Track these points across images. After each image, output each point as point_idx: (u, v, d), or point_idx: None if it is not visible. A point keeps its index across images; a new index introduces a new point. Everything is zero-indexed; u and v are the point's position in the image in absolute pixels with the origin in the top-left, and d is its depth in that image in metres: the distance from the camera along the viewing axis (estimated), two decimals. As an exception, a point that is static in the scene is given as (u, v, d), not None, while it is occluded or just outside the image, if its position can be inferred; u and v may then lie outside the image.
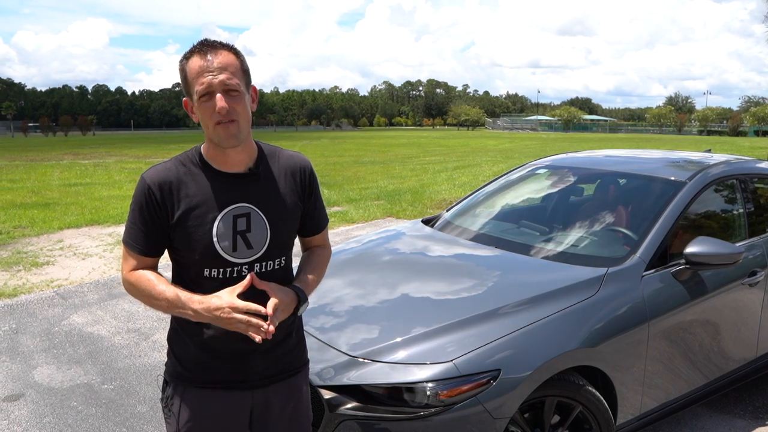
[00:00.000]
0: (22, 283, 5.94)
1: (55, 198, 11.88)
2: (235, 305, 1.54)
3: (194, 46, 1.57)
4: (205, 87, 1.51)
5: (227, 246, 1.60)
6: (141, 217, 1.62)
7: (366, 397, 2.25)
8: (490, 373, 2.23)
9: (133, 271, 1.65)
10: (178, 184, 1.61)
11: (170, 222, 1.61)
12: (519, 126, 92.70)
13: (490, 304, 2.56)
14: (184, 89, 1.60)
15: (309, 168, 1.78)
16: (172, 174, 1.62)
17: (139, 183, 1.63)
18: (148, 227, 1.62)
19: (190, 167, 1.64)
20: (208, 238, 1.59)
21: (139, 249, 1.64)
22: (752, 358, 3.36)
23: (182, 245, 1.62)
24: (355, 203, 11.11)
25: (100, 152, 28.44)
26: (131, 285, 1.66)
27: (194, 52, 1.56)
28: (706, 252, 2.81)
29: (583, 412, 2.47)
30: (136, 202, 1.63)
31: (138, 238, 1.63)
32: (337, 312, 2.74)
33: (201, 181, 1.62)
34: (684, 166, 3.60)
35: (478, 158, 23.27)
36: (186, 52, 1.58)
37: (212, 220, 1.60)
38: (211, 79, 1.51)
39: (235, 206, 1.62)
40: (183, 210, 1.60)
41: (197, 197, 1.60)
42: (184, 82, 1.59)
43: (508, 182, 4.22)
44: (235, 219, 1.62)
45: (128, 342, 4.45)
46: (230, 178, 1.64)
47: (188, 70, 1.56)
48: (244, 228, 1.62)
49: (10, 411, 3.45)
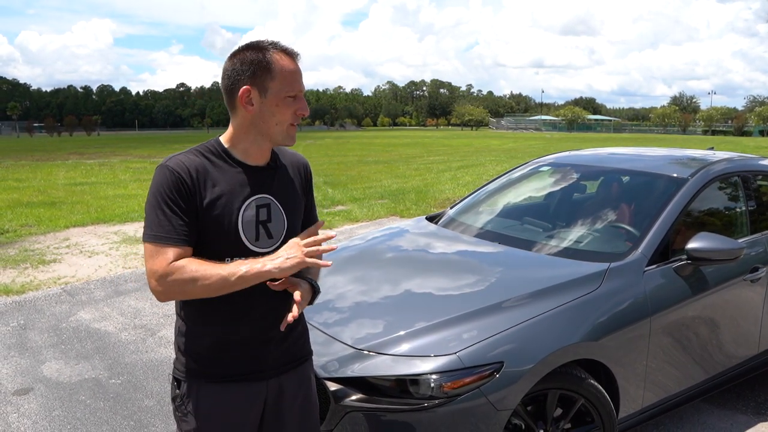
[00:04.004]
0: (29, 280, 6.00)
1: (61, 197, 11.95)
2: (298, 242, 1.61)
3: (280, 44, 1.63)
4: (298, 90, 1.65)
5: (251, 235, 1.65)
6: (172, 206, 1.55)
7: (371, 389, 2.28)
8: (494, 365, 2.26)
9: (171, 264, 1.52)
10: (204, 171, 1.62)
11: (199, 209, 1.58)
12: (523, 126, 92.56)
13: (493, 299, 2.59)
14: (257, 78, 1.58)
15: (308, 166, 1.90)
16: (197, 162, 1.63)
17: (162, 172, 1.57)
18: (182, 214, 1.56)
19: (211, 158, 1.66)
20: (234, 227, 1.62)
21: (176, 240, 1.54)
22: (754, 354, 3.38)
23: (206, 233, 1.60)
24: (359, 202, 11.14)
25: (104, 152, 28.56)
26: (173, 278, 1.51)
27: (284, 51, 1.63)
28: (708, 248, 2.83)
29: (586, 405, 2.50)
30: (162, 193, 1.56)
31: (172, 229, 1.54)
32: (342, 307, 2.78)
33: (226, 171, 1.65)
34: (686, 163, 3.61)
35: (481, 158, 23.27)
36: (268, 44, 1.62)
37: (238, 210, 1.63)
38: (302, 85, 1.67)
39: (257, 197, 1.67)
40: (210, 198, 1.60)
41: (223, 186, 1.63)
42: (263, 72, 1.58)
43: (511, 180, 4.24)
44: (258, 209, 1.66)
45: (135, 338, 4.50)
46: (252, 170, 1.68)
47: (280, 65, 1.60)
48: (266, 218, 1.67)
49: (20, 404, 3.50)
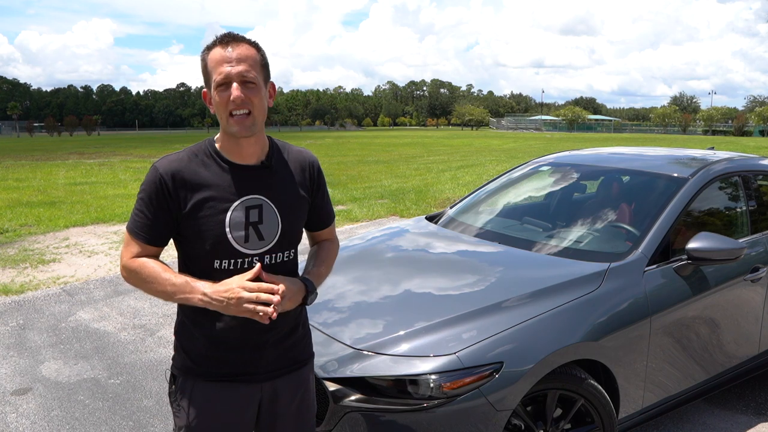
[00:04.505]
0: (28, 280, 5.99)
1: (61, 197, 11.94)
2: (245, 286, 1.55)
3: (217, 37, 1.60)
4: (223, 77, 1.55)
5: (240, 237, 1.62)
6: (150, 206, 1.62)
7: (370, 390, 2.28)
8: (493, 365, 2.26)
9: (135, 258, 1.65)
10: (191, 174, 1.62)
11: (182, 212, 1.61)
12: (523, 126, 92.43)
13: (493, 299, 2.59)
14: (204, 80, 1.62)
15: (316, 163, 1.82)
16: (184, 164, 1.63)
17: (151, 172, 1.63)
18: (156, 216, 1.62)
19: (203, 158, 1.65)
20: (221, 229, 1.60)
21: (145, 238, 1.64)
22: (754, 354, 3.37)
23: (194, 236, 1.62)
24: (360, 202, 11.13)
25: (105, 152, 28.55)
26: (132, 271, 1.64)
27: (216, 43, 1.59)
28: (708, 247, 2.83)
29: (585, 406, 2.49)
30: (145, 191, 1.63)
31: (144, 226, 1.63)
32: (341, 307, 2.77)
33: (214, 171, 1.64)
34: (687, 163, 3.60)
35: (482, 158, 23.25)
36: (209, 44, 1.61)
37: (225, 211, 1.61)
38: (230, 69, 1.55)
39: (248, 197, 1.64)
40: (196, 200, 1.61)
41: (211, 188, 1.62)
42: (204, 73, 1.61)
43: (511, 179, 4.23)
44: (248, 210, 1.63)
45: (134, 338, 4.49)
46: (243, 170, 1.66)
47: (209, 60, 1.59)
48: (257, 219, 1.64)
49: (19, 404, 3.49)
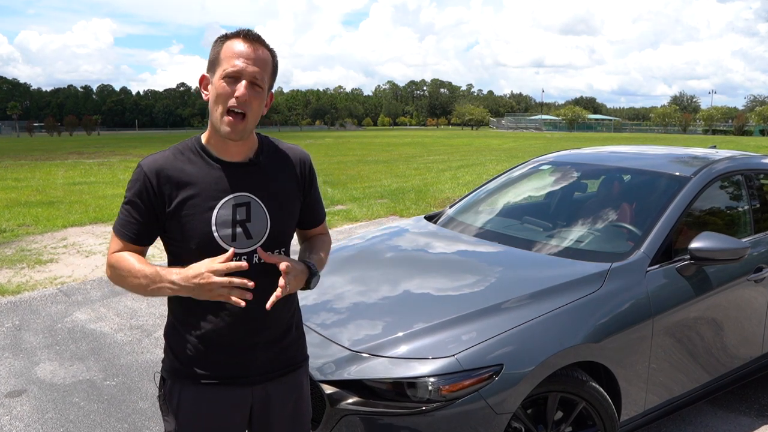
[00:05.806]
0: (25, 280, 5.95)
1: (60, 197, 11.90)
2: (214, 268, 1.49)
3: (240, 31, 1.57)
4: (237, 70, 1.53)
5: (226, 235, 1.58)
6: (135, 205, 1.60)
7: (368, 392, 2.23)
8: (493, 368, 2.22)
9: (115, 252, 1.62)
10: (176, 172, 1.59)
11: (166, 210, 1.58)
12: (523, 125, 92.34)
13: (492, 300, 2.55)
14: (209, 65, 1.59)
15: (308, 160, 1.78)
16: (169, 161, 1.60)
17: (136, 170, 1.61)
18: (141, 215, 1.60)
19: (189, 155, 1.62)
20: (207, 227, 1.57)
21: (129, 236, 1.61)
22: (758, 356, 3.33)
23: (179, 234, 1.59)
24: (359, 202, 11.09)
25: (104, 152, 28.51)
26: (111, 267, 1.62)
27: (239, 36, 1.56)
28: (711, 247, 2.79)
29: (587, 408, 2.45)
30: (130, 190, 1.61)
31: (128, 225, 1.61)
32: (339, 308, 2.73)
33: (201, 168, 1.60)
34: (688, 162, 3.56)
35: (482, 157, 23.21)
36: (230, 33, 1.58)
37: (212, 208, 1.58)
38: (245, 66, 1.53)
39: (235, 195, 1.60)
40: (180, 198, 1.57)
41: (196, 186, 1.58)
42: (213, 58, 1.57)
43: (511, 179, 4.19)
44: (235, 208, 1.59)
45: (131, 339, 4.45)
46: (230, 167, 1.62)
47: (225, 47, 1.56)
48: (244, 217, 1.60)
49: (13, 407, 3.45)
